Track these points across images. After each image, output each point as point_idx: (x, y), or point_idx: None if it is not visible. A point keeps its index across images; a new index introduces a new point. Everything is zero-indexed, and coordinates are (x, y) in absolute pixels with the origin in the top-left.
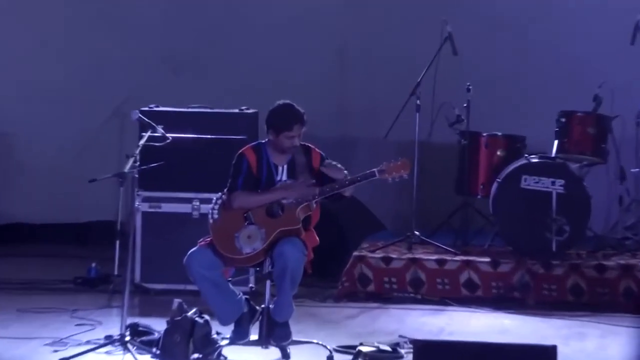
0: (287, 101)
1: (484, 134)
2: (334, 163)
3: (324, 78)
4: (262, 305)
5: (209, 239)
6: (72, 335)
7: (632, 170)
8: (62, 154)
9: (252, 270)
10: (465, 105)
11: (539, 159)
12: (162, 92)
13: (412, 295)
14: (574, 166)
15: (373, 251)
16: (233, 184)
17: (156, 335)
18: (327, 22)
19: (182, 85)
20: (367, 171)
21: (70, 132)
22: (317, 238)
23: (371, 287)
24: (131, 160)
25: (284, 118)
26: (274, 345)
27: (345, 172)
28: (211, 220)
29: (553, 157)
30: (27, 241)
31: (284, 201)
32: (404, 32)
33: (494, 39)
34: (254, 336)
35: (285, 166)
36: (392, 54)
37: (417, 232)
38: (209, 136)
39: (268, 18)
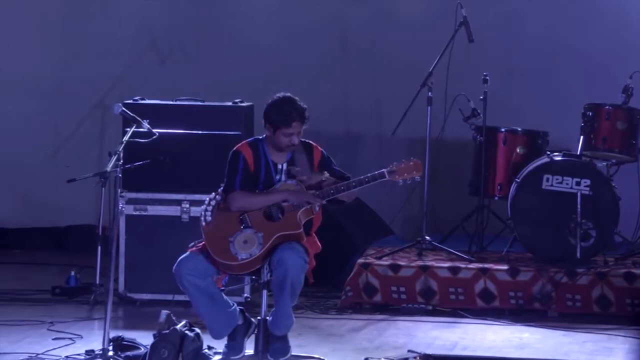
0: (288, 94)
1: (502, 129)
2: (331, 180)
3: (326, 69)
4: (259, 317)
5: (200, 244)
6: (50, 351)
7: None
8: (38, 152)
9: (247, 279)
10: (481, 97)
11: (562, 156)
12: (148, 84)
13: (422, 306)
14: (601, 165)
15: (380, 258)
16: (230, 184)
17: (142, 350)
18: (329, 6)
19: (169, 75)
20: (376, 172)
21: (46, 128)
22: (319, 244)
23: (377, 298)
24: (114, 159)
25: (282, 113)
26: None
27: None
28: (203, 223)
29: (578, 155)
30: (0, 247)
31: (284, 203)
32: (413, 17)
33: (513, 24)
34: (249, 351)
35: (284, 165)
36: (400, 41)
37: (428, 237)
38: (199, 132)
39: (266, 2)
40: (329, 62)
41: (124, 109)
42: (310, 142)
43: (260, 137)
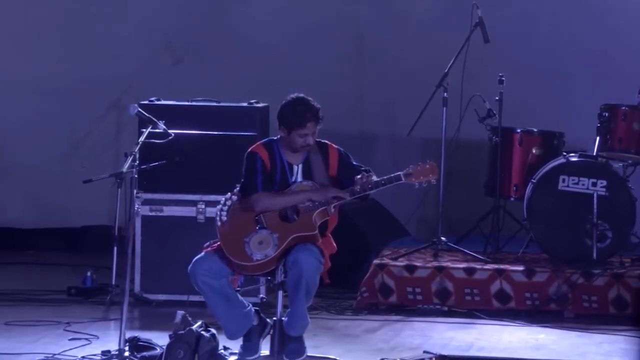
0: (301, 95)
1: (518, 130)
2: (367, 174)
3: (340, 68)
4: (274, 318)
5: (215, 245)
6: (66, 351)
7: None
8: (54, 153)
9: (262, 280)
10: (497, 98)
11: (578, 157)
12: (163, 84)
13: (438, 307)
14: (617, 166)
15: (395, 259)
16: (251, 186)
17: (158, 351)
18: (343, 6)
19: (185, 76)
20: (392, 174)
21: (62, 129)
22: (335, 245)
23: (393, 298)
24: (130, 159)
25: (296, 114)
26: None
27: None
28: (219, 223)
29: (594, 156)
30: (16, 248)
31: (306, 203)
32: (428, 17)
33: (529, 25)
34: (264, 351)
35: (300, 166)
36: (415, 41)
37: (443, 238)
38: (215, 132)
39: (279, 2)
40: (343, 62)
41: (140, 109)
42: (326, 141)
43: (275, 138)
